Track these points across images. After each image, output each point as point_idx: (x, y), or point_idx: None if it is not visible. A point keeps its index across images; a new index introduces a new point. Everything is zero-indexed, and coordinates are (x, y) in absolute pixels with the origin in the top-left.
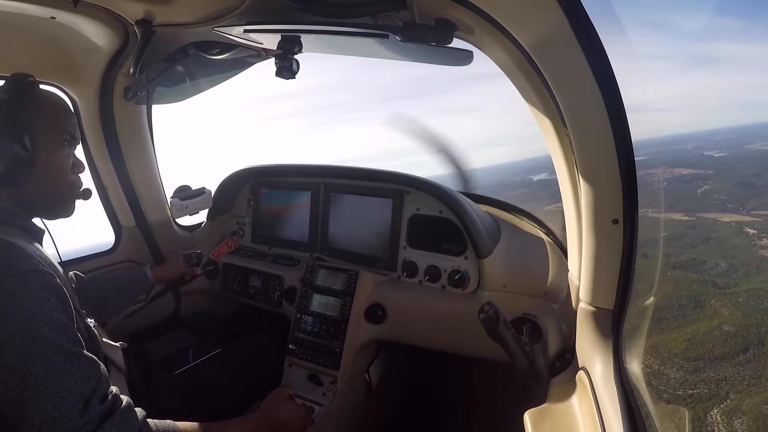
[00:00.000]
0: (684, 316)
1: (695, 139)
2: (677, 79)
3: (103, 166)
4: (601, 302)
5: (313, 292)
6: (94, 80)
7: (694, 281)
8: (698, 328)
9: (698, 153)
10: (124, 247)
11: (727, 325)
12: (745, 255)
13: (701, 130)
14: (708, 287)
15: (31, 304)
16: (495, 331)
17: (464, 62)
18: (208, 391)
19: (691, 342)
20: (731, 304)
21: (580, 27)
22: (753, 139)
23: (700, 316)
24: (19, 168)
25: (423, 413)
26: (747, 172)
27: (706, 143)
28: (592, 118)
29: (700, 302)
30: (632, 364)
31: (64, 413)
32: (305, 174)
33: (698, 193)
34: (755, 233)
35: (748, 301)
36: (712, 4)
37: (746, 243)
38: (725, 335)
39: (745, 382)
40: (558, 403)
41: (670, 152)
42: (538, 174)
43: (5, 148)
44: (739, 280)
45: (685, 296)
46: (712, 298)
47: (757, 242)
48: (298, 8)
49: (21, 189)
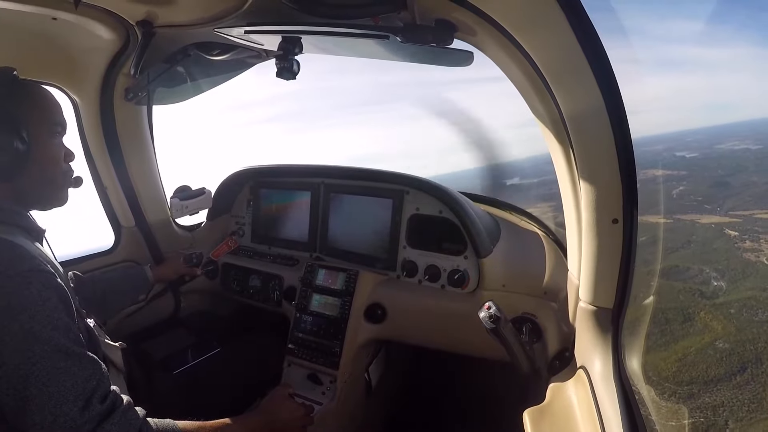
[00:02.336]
0: (672, 332)
1: (664, 140)
2: (644, 82)
3: (103, 166)
4: (600, 301)
5: (312, 292)
6: (94, 81)
7: (679, 291)
8: (689, 345)
9: (670, 154)
10: (123, 247)
11: (720, 342)
12: (729, 259)
13: (670, 132)
14: (695, 297)
15: (33, 304)
16: (496, 330)
17: (465, 63)
18: (207, 390)
19: (682, 363)
20: (723, 316)
21: (580, 27)
22: (723, 139)
23: (690, 331)
24: (17, 161)
25: (422, 412)
26: (721, 172)
27: (677, 144)
28: (592, 117)
29: (688, 315)
30: (631, 363)
31: (64, 412)
32: (305, 174)
33: (673, 194)
34: (737, 235)
35: (741, 312)
36: (679, 10)
37: (728, 246)
38: (720, 353)
39: (745, 407)
40: (557, 401)
41: (641, 154)
42: (510, 179)
43: (5, 142)
44: (726, 287)
45: (671, 309)
46: (701, 310)
47: (739, 245)
48: (299, 9)
49: (17, 182)
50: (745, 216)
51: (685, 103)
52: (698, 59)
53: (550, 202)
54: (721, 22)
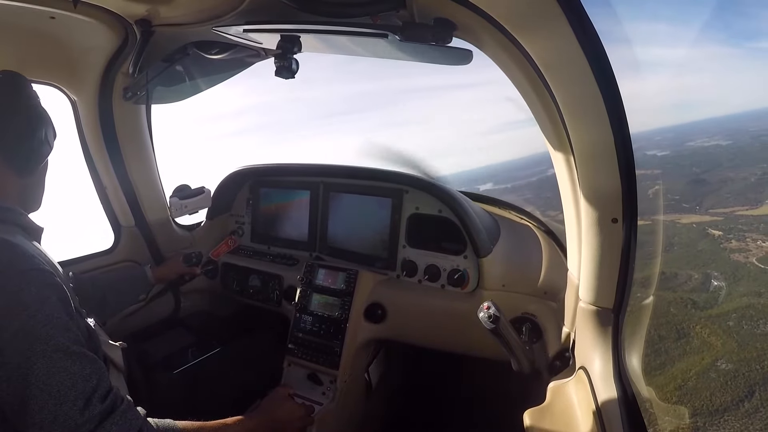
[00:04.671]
0: (667, 350)
1: (633, 140)
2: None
3: (102, 165)
4: (600, 301)
5: (312, 292)
6: (93, 80)
7: (670, 302)
8: (688, 368)
9: (641, 153)
10: (123, 247)
11: (722, 362)
12: (716, 262)
13: (637, 132)
14: (688, 309)
15: (33, 303)
16: (495, 330)
17: (464, 61)
18: (207, 390)
19: (683, 391)
20: (721, 330)
21: (580, 26)
22: (692, 136)
23: (687, 349)
24: (39, 161)
25: (422, 412)
26: (696, 170)
27: (647, 143)
28: (591, 116)
29: (683, 331)
30: (632, 363)
31: (64, 411)
32: (304, 173)
33: (649, 194)
34: (721, 234)
35: (740, 324)
36: (644, 12)
37: (714, 247)
38: (723, 377)
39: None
40: (557, 402)
41: None
42: (483, 184)
43: (42, 142)
44: (718, 293)
45: (664, 324)
46: (696, 323)
47: (725, 245)
48: (298, 8)
49: (26, 180)
50: (726, 214)
51: (651, 103)
52: (663, 60)
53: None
54: (684, 23)
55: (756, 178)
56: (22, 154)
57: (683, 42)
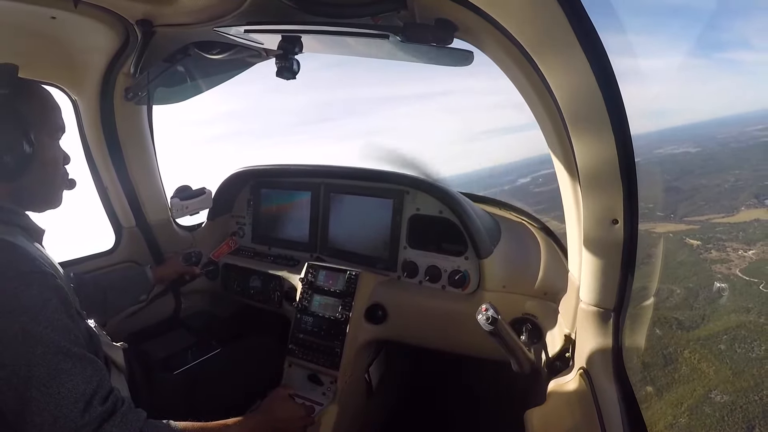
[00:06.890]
0: (653, 380)
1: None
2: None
3: (103, 166)
4: (601, 302)
5: (313, 293)
6: (94, 80)
7: (654, 322)
8: (679, 400)
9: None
10: (124, 247)
11: (717, 393)
12: (698, 275)
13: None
14: (673, 330)
15: (34, 305)
16: (494, 332)
17: (465, 62)
18: (208, 391)
19: (675, 431)
20: (712, 355)
21: (581, 27)
22: (660, 144)
23: (675, 377)
24: (23, 162)
25: (423, 413)
26: (667, 177)
27: None
28: (592, 117)
29: (670, 357)
30: (632, 364)
31: (65, 413)
32: (305, 174)
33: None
34: (699, 244)
35: (733, 348)
36: (611, 24)
37: (694, 258)
38: (719, 411)
39: None
40: (558, 402)
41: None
42: (462, 191)
43: (14, 142)
44: (704, 310)
45: (648, 349)
46: (684, 348)
47: (705, 255)
48: (299, 8)
49: (18, 183)
50: (702, 222)
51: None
52: (631, 70)
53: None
54: (653, 33)
55: (729, 184)
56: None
57: (652, 53)
